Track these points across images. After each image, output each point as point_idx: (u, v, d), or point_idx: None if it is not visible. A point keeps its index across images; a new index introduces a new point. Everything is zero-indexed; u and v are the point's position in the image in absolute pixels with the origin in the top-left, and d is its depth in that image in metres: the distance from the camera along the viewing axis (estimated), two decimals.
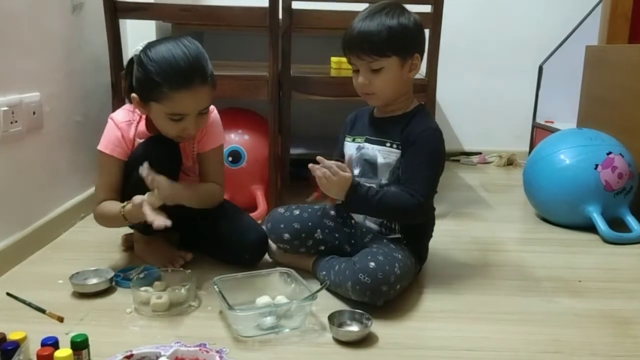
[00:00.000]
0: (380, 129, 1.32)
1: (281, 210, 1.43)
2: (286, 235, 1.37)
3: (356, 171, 1.33)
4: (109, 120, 1.38)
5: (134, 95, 1.29)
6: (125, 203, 1.29)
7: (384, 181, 1.29)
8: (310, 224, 1.37)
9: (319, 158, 1.23)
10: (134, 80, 1.30)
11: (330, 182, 1.20)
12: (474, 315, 1.21)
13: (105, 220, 1.37)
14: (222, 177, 1.47)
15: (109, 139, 1.36)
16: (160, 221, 1.18)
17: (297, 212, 1.41)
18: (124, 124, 1.37)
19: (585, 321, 1.19)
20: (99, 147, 1.36)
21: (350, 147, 1.36)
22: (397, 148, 1.27)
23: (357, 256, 1.24)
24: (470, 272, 1.44)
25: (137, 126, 1.38)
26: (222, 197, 1.47)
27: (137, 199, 1.23)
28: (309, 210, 1.41)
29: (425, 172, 1.25)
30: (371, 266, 1.17)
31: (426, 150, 1.25)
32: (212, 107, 1.45)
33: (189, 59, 1.24)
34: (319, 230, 1.37)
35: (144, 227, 1.37)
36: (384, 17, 1.22)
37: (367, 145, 1.32)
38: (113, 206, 1.32)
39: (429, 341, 1.10)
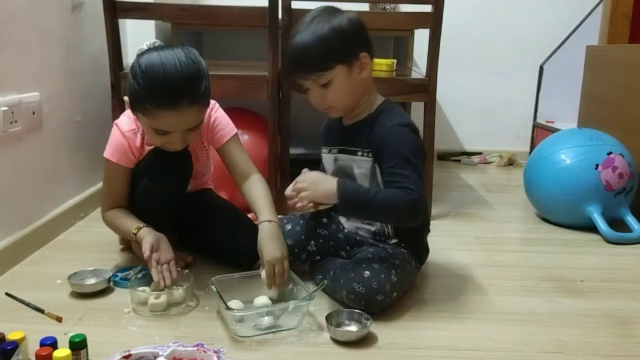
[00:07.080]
0: (349, 137, 1.25)
1: None
2: None
3: None
4: (115, 127, 1.34)
5: (125, 98, 1.26)
6: (137, 228, 1.28)
7: None
8: (303, 237, 1.33)
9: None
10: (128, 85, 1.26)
11: (309, 190, 1.14)
12: (475, 315, 1.20)
13: (116, 231, 1.40)
14: (252, 164, 1.39)
15: (115, 147, 1.32)
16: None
17: (289, 226, 1.35)
18: (129, 132, 1.32)
19: (586, 321, 1.19)
20: (106, 155, 1.32)
21: (328, 159, 1.31)
22: (367, 156, 1.21)
23: (352, 262, 1.21)
24: (471, 272, 1.43)
25: (143, 134, 1.32)
26: (265, 181, 1.38)
27: (146, 251, 1.22)
28: (301, 222, 1.36)
29: (406, 169, 1.14)
30: (366, 275, 1.14)
31: (399, 148, 1.16)
32: (212, 102, 1.38)
33: (179, 76, 1.15)
34: (312, 242, 1.33)
35: None
36: (314, 27, 1.14)
37: (341, 156, 1.27)
38: (126, 223, 1.32)
39: (430, 341, 1.09)
